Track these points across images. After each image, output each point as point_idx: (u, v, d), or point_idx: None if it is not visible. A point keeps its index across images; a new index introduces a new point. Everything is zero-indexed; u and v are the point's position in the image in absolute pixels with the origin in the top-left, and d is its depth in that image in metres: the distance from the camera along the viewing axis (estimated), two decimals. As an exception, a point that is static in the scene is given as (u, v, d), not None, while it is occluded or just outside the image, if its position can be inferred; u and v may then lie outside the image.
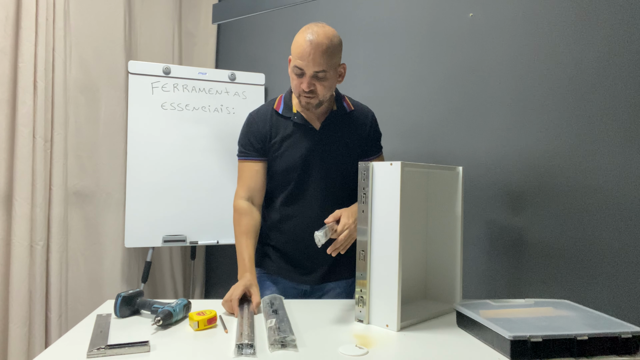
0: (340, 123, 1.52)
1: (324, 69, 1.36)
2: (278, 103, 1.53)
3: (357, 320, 1.23)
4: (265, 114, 1.52)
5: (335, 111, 1.52)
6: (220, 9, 2.53)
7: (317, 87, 1.39)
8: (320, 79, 1.38)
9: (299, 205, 1.51)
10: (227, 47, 3.13)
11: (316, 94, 1.40)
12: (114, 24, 2.56)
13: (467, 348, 1.05)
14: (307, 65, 1.34)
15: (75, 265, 2.45)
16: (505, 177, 1.82)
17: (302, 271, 1.55)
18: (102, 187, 2.53)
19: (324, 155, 1.49)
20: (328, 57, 1.35)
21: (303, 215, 1.51)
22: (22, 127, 2.14)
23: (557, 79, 1.71)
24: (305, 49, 1.33)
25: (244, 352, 0.97)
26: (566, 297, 1.63)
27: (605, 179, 1.59)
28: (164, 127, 2.51)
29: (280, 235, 1.55)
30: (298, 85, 1.40)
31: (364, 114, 1.58)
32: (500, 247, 1.83)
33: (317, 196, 1.50)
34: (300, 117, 1.49)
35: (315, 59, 1.34)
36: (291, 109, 1.50)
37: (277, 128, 1.50)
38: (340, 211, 1.33)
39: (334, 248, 1.28)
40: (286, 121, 1.50)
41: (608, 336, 0.99)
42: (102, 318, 1.19)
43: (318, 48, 1.33)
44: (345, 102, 1.56)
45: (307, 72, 1.36)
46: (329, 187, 1.50)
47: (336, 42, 1.38)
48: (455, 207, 1.40)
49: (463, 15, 1.97)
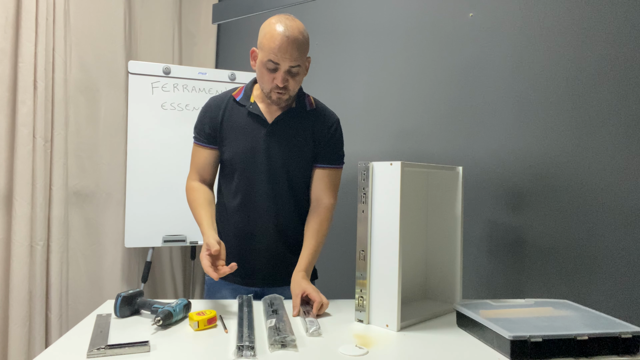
0: (295, 120, 1.48)
1: (298, 63, 1.35)
2: (238, 92, 1.51)
3: (357, 320, 1.23)
4: (222, 101, 1.50)
5: (294, 108, 1.48)
6: (220, 9, 2.53)
7: (290, 82, 1.38)
8: (294, 75, 1.37)
9: (244, 198, 1.48)
10: (227, 47, 3.13)
11: (288, 90, 1.39)
12: (114, 24, 2.56)
13: (467, 348, 1.05)
14: (283, 59, 1.33)
15: (75, 265, 2.45)
16: (505, 177, 1.82)
17: (247, 271, 1.49)
18: (102, 187, 2.53)
19: (270, 149, 1.45)
20: (302, 52, 1.36)
21: (248, 209, 1.48)
22: (22, 127, 2.15)
23: (557, 79, 1.71)
24: (282, 44, 1.31)
25: (244, 353, 0.97)
26: (566, 297, 1.63)
27: (605, 179, 1.59)
28: (164, 127, 2.51)
29: (228, 228, 1.51)
30: (270, 80, 1.37)
31: (327, 116, 1.52)
32: (500, 247, 1.83)
33: (262, 190, 1.47)
34: (256, 107, 1.46)
35: (292, 54, 1.32)
36: (249, 99, 1.47)
37: (230, 115, 1.48)
38: (303, 289, 1.31)
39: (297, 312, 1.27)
40: (240, 109, 1.47)
41: (608, 336, 0.99)
42: (102, 318, 1.19)
43: (294, 43, 1.32)
44: (308, 100, 1.52)
45: (282, 67, 1.34)
46: (275, 182, 1.47)
47: (307, 37, 1.38)
48: (455, 207, 1.40)
49: (463, 15, 1.97)
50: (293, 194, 1.49)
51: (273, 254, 1.49)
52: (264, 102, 1.47)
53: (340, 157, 1.54)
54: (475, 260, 1.89)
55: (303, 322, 1.19)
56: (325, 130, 1.50)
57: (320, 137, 1.49)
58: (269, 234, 1.48)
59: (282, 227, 1.49)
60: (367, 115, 2.31)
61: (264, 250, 1.49)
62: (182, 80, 2.57)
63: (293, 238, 1.50)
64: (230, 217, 1.51)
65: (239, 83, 2.67)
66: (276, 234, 1.49)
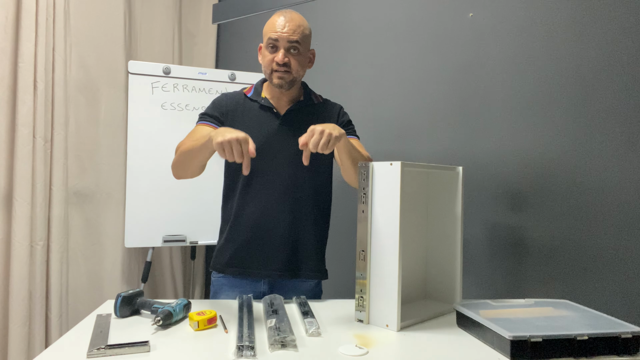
0: (306, 112, 1.54)
1: (297, 39, 1.42)
2: (249, 89, 1.59)
3: (357, 320, 1.23)
4: (235, 96, 1.57)
5: (302, 101, 1.55)
6: (220, 9, 2.54)
7: (291, 61, 1.44)
8: (294, 54, 1.43)
9: (258, 190, 1.49)
10: (227, 47, 3.13)
11: (290, 69, 1.44)
12: (114, 24, 2.56)
13: (467, 348, 1.05)
14: (281, 35, 1.40)
15: (75, 265, 2.45)
16: (505, 177, 1.82)
17: (259, 262, 1.49)
18: (102, 187, 2.53)
19: (285, 140, 1.49)
20: (301, 32, 1.43)
21: (261, 201, 1.49)
22: (22, 127, 2.15)
23: (557, 78, 1.71)
24: (280, 22, 1.41)
25: (244, 353, 0.97)
26: (566, 297, 1.63)
27: (605, 179, 1.59)
28: (164, 127, 2.51)
29: (238, 220, 1.51)
30: (272, 59, 1.44)
31: (332, 105, 1.61)
32: (500, 247, 1.83)
33: (276, 182, 1.48)
34: (267, 101, 1.52)
35: (290, 29, 1.40)
36: (260, 94, 1.54)
37: (243, 109, 1.53)
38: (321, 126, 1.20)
39: (303, 141, 1.17)
40: (253, 104, 1.53)
41: (608, 336, 0.99)
42: (102, 318, 1.19)
43: (293, 21, 1.42)
44: (314, 95, 1.60)
45: (281, 43, 1.41)
46: (288, 173, 1.49)
47: (308, 25, 1.47)
48: (455, 207, 1.40)
49: (463, 15, 1.97)
50: (308, 183, 1.51)
51: (286, 245, 1.49)
52: (274, 97, 1.53)
53: (354, 132, 1.61)
54: (475, 260, 1.89)
55: (303, 322, 1.19)
56: (335, 117, 1.58)
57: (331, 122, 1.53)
58: (285, 223, 1.48)
59: (298, 215, 1.50)
60: (367, 115, 2.31)
61: (277, 240, 1.49)
62: (182, 80, 2.57)
63: (309, 227, 1.51)
64: (243, 208, 1.51)
65: (239, 83, 2.67)
66: (292, 224, 1.49)
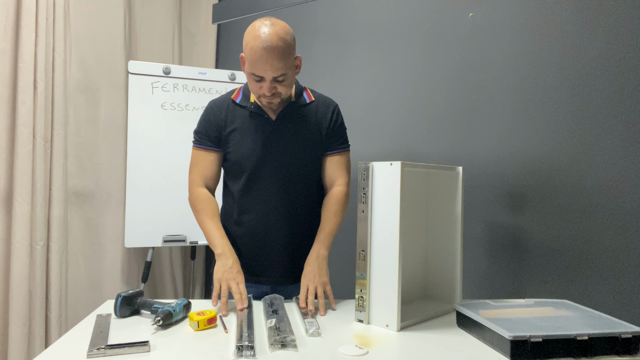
0: (298, 114, 1.48)
1: (282, 72, 1.31)
2: (237, 93, 1.51)
3: (357, 320, 1.23)
4: (223, 103, 1.50)
5: (294, 102, 1.48)
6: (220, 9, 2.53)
7: (278, 88, 1.35)
8: (281, 82, 1.34)
9: (255, 197, 1.48)
10: (227, 47, 3.13)
11: (278, 94, 1.37)
12: (114, 24, 2.56)
13: (467, 348, 1.05)
14: (265, 72, 1.30)
15: (75, 265, 2.45)
16: (505, 177, 1.82)
17: (260, 268, 1.50)
18: (102, 187, 2.53)
19: (279, 146, 1.46)
20: (285, 60, 1.30)
21: (260, 207, 1.48)
22: (22, 127, 2.15)
23: (557, 78, 1.71)
24: (262, 56, 1.27)
25: (244, 353, 0.97)
26: (566, 297, 1.63)
27: (605, 179, 1.59)
28: (164, 127, 2.51)
29: (238, 228, 1.51)
30: (258, 89, 1.35)
31: (326, 105, 1.52)
32: (500, 247, 1.83)
33: (273, 188, 1.47)
34: (257, 106, 1.45)
35: (273, 66, 1.28)
36: (248, 99, 1.47)
37: (233, 117, 1.47)
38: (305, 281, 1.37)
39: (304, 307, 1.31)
40: (242, 110, 1.47)
41: (608, 336, 0.99)
42: (102, 318, 1.19)
43: (274, 53, 1.27)
44: (306, 93, 1.52)
45: (267, 78, 1.32)
46: (285, 178, 1.47)
47: (290, 40, 1.31)
48: (455, 207, 1.39)
49: (463, 15, 1.97)
50: (306, 187, 1.50)
51: (287, 250, 1.49)
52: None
53: (346, 141, 1.57)
54: (475, 260, 1.89)
55: (303, 322, 1.19)
56: (327, 119, 1.51)
57: (324, 126, 1.50)
58: (282, 230, 1.48)
59: (295, 221, 1.49)
60: (367, 115, 2.31)
61: (277, 247, 1.49)
62: (182, 80, 2.57)
63: (307, 232, 1.50)
64: (241, 216, 1.50)
65: (239, 83, 2.67)
66: (290, 230, 1.49)
